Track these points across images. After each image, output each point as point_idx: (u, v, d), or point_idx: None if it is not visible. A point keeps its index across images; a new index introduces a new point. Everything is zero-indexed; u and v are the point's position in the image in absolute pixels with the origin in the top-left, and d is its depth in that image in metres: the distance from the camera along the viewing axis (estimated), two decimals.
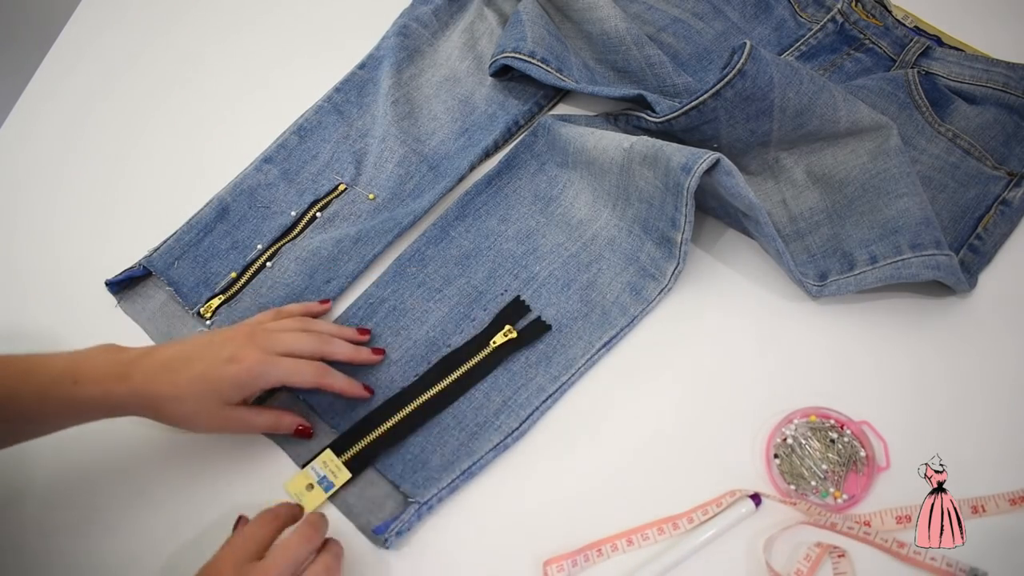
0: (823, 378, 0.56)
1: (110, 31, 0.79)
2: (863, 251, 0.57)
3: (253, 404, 0.53)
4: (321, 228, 0.64)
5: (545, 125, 0.67)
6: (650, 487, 0.52)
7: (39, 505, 0.53)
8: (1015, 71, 0.66)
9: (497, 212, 0.64)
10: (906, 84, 0.66)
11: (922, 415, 0.54)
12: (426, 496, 0.51)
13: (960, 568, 0.47)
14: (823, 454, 0.52)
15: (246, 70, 0.75)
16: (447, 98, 0.71)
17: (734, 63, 0.56)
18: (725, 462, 0.53)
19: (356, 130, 0.69)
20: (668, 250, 0.58)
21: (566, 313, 0.58)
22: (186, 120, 0.72)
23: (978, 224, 0.61)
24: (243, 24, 0.79)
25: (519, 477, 0.53)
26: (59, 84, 0.75)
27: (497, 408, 0.55)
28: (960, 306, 0.58)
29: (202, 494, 0.53)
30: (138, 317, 0.61)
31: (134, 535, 0.52)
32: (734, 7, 0.75)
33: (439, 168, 0.67)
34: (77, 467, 0.54)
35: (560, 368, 0.56)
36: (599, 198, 0.62)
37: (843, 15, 0.72)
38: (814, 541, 0.49)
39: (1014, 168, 0.63)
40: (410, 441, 0.54)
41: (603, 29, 0.68)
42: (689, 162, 0.54)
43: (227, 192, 0.65)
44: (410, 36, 0.73)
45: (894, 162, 0.58)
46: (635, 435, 0.54)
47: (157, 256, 0.62)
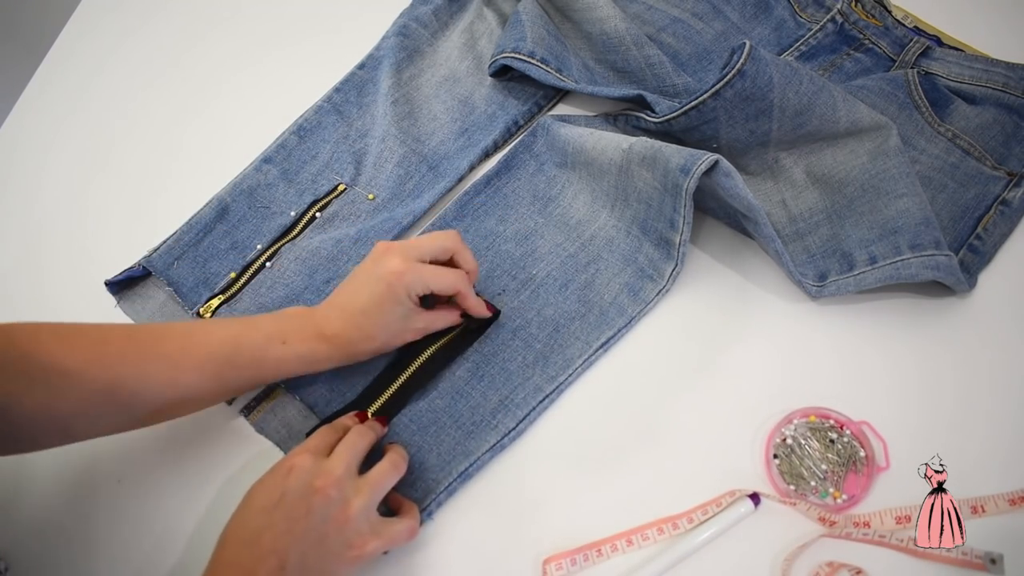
0: (822, 378, 0.56)
1: (109, 31, 0.79)
2: (863, 251, 0.57)
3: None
4: (321, 228, 0.64)
5: (544, 125, 0.67)
6: (649, 487, 0.52)
7: (39, 505, 0.53)
8: (1015, 71, 0.66)
9: (496, 212, 0.64)
10: (906, 84, 0.66)
11: (922, 415, 0.54)
12: (424, 502, 0.51)
13: (975, 555, 0.47)
14: (823, 454, 0.52)
15: (246, 70, 0.75)
16: (447, 98, 0.71)
17: (734, 63, 0.56)
18: (724, 462, 0.53)
19: (356, 130, 0.69)
20: (666, 251, 0.58)
21: (564, 313, 0.58)
22: (186, 120, 0.72)
23: (978, 224, 0.61)
24: (243, 24, 0.79)
25: (518, 476, 0.53)
26: (59, 84, 0.75)
27: (494, 408, 0.55)
28: (960, 306, 0.58)
29: (199, 494, 0.53)
30: (137, 317, 0.61)
31: (134, 535, 0.52)
32: (734, 7, 0.75)
33: (439, 168, 0.67)
34: (78, 467, 0.54)
35: (557, 368, 0.56)
36: (598, 199, 0.62)
37: (843, 15, 0.72)
38: (826, 560, 0.49)
39: (1014, 168, 0.63)
40: (407, 441, 0.54)
41: (603, 29, 0.68)
42: (688, 163, 0.54)
43: (227, 192, 0.65)
44: (410, 36, 0.73)
45: (894, 162, 0.58)
46: (633, 435, 0.54)
47: (157, 256, 0.62)
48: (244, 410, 0.56)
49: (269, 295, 0.60)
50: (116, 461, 0.55)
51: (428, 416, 0.55)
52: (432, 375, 0.56)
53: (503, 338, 0.58)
